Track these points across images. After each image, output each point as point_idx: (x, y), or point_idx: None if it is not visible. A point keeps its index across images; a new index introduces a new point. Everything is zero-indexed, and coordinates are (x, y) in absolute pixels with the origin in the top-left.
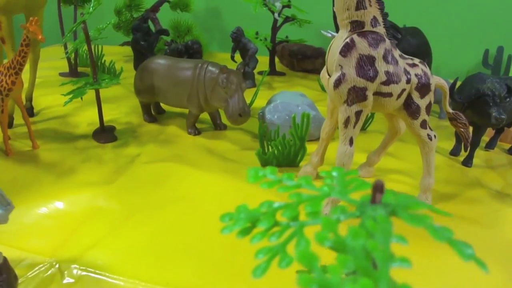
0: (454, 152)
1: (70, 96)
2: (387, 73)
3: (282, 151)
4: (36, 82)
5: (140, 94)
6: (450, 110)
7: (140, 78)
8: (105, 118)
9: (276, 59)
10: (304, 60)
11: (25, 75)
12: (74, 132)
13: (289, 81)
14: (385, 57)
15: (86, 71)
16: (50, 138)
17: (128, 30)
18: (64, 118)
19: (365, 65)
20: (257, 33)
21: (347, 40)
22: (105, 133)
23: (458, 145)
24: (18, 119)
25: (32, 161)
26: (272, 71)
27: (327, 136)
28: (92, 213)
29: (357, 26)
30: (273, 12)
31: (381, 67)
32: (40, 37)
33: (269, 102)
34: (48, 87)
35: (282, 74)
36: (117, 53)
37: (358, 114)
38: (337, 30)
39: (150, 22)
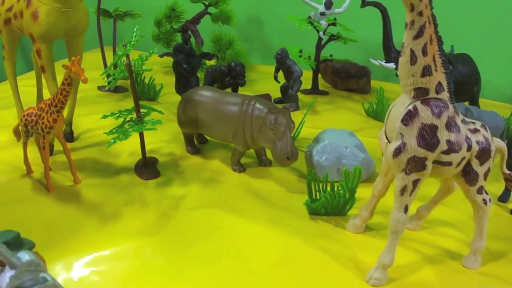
0: (503, 199)
1: (114, 136)
2: (448, 142)
3: (331, 201)
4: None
5: (183, 126)
6: (507, 171)
7: (184, 110)
8: (146, 147)
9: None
10: (348, 79)
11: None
12: (116, 163)
13: (333, 102)
14: (447, 126)
15: (125, 85)
16: (91, 171)
17: (168, 42)
18: (104, 145)
19: (427, 135)
20: (300, 51)
21: (410, 108)
22: (147, 168)
23: (507, 191)
24: (57, 145)
25: (73, 199)
26: (315, 90)
27: (379, 193)
28: (138, 269)
29: (421, 93)
30: (318, 30)
31: (443, 136)
32: (82, 78)
33: (316, 140)
34: (87, 105)
35: (325, 93)
36: (156, 63)
37: (415, 182)
38: (386, 58)
39: (191, 38)
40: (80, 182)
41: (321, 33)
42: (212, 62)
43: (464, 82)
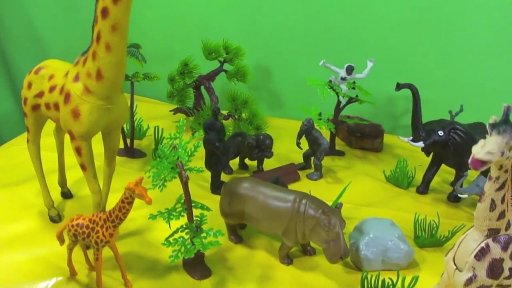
0: None
1: (175, 250)
2: (510, 269)
3: None
4: (97, 165)
5: (227, 217)
6: None
7: (229, 203)
8: None
9: None
10: (363, 139)
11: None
12: (162, 259)
13: (351, 165)
14: (511, 256)
15: (140, 147)
16: (138, 270)
17: (182, 99)
18: (143, 234)
19: (495, 267)
20: (320, 114)
21: (483, 245)
22: (198, 266)
23: None
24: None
25: None
26: (332, 151)
27: None
28: None
29: (493, 233)
30: (337, 94)
31: (507, 265)
32: (147, 200)
33: (359, 231)
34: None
35: (341, 153)
36: (165, 117)
37: None
38: (414, 136)
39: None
40: (131, 286)
41: (341, 97)
42: (228, 123)
43: None
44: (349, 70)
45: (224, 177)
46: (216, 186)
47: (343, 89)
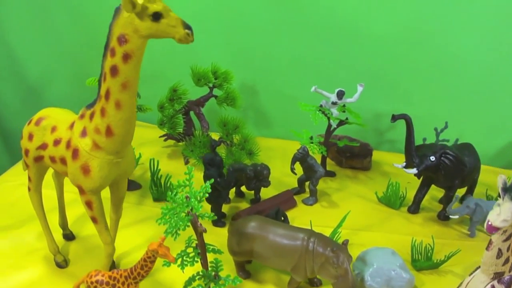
0: None
1: None
2: None
3: None
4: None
5: (236, 255)
6: None
7: (237, 242)
8: None
9: None
10: (353, 159)
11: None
12: None
13: (343, 187)
14: None
15: (133, 177)
16: None
17: (173, 126)
18: (155, 275)
19: None
20: (311, 138)
21: (489, 287)
22: None
23: None
24: None
25: None
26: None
27: None
28: None
29: (498, 276)
30: (328, 118)
31: None
32: (171, 259)
33: (363, 261)
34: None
35: (332, 174)
36: (158, 142)
37: None
38: (407, 162)
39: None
40: None
41: (332, 121)
42: (221, 150)
43: (471, 171)
44: (340, 95)
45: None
46: (217, 219)
47: (334, 113)
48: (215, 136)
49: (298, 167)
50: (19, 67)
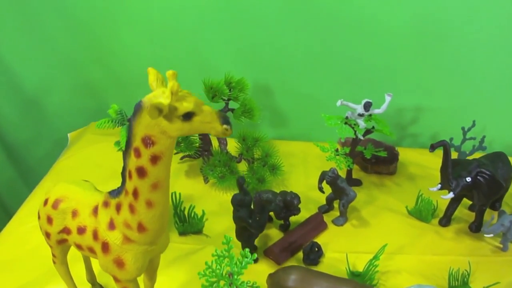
0: None
1: None
2: None
3: None
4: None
5: None
6: None
7: None
8: None
9: None
10: (378, 164)
11: None
12: None
13: (372, 200)
14: None
15: None
16: None
17: (189, 145)
18: None
19: None
20: (337, 150)
21: None
22: None
23: None
24: None
25: None
26: (349, 182)
27: None
28: None
29: None
30: (355, 131)
31: None
32: None
33: None
34: None
35: (358, 183)
36: (176, 169)
37: None
38: (442, 185)
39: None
40: None
41: (359, 134)
42: (243, 167)
43: (507, 179)
44: (367, 106)
45: None
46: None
47: (361, 125)
48: (234, 149)
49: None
50: (15, 78)
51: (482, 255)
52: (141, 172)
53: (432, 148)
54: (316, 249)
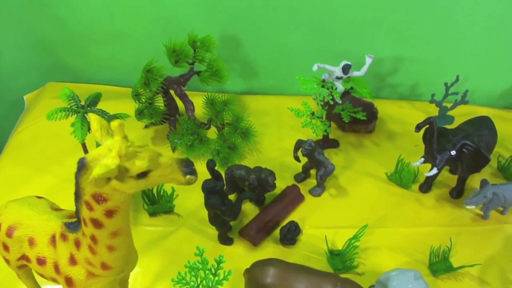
0: None
1: None
2: None
3: None
4: None
5: None
6: None
7: None
8: None
9: None
10: (356, 123)
11: None
12: None
13: (350, 163)
14: None
15: None
16: None
17: (153, 114)
18: None
19: None
20: (313, 114)
21: None
22: None
23: None
24: None
25: None
26: (326, 143)
27: None
28: None
29: None
30: (332, 95)
31: None
32: None
33: (383, 285)
34: None
35: (335, 145)
36: (141, 136)
37: None
38: (426, 160)
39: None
40: None
41: (336, 99)
42: (212, 134)
43: (492, 147)
44: (346, 69)
45: None
46: (224, 238)
47: (339, 88)
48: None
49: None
50: None
51: (463, 225)
52: (97, 223)
53: (418, 128)
54: (294, 227)
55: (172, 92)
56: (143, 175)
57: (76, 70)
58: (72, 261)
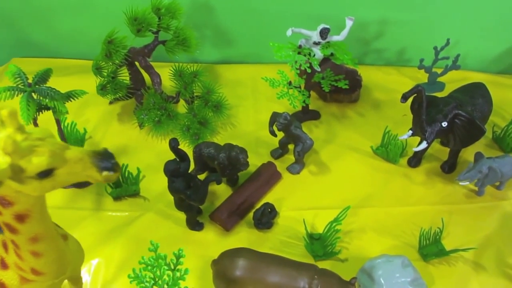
0: None
1: None
2: None
3: None
4: None
5: None
6: None
7: None
8: None
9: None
10: (339, 93)
11: None
12: None
13: (332, 136)
14: None
15: None
16: None
17: (116, 89)
18: None
19: None
20: (290, 83)
21: None
22: None
23: None
24: None
25: None
26: (305, 115)
27: None
28: None
29: None
30: (310, 63)
31: None
32: None
33: (369, 277)
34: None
35: (316, 116)
36: (106, 113)
37: None
38: (414, 133)
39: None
40: None
41: (315, 66)
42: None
43: (487, 117)
44: (324, 33)
45: None
46: (193, 223)
47: (317, 55)
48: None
49: None
50: None
51: (456, 203)
52: (11, 228)
53: (405, 98)
54: (269, 210)
55: (137, 64)
56: (45, 174)
57: (41, 44)
58: (3, 264)
